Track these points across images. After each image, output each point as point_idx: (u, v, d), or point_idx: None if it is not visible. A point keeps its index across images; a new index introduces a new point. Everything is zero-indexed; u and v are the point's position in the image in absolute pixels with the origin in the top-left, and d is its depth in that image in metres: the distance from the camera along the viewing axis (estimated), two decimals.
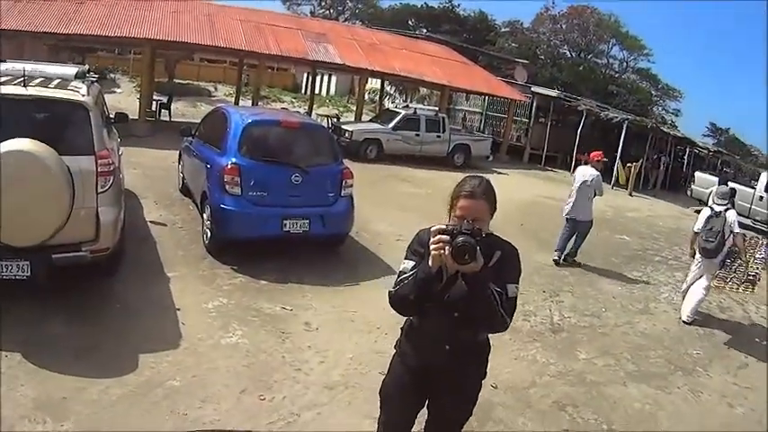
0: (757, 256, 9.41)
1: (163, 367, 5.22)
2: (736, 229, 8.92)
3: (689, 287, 9.39)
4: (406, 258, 3.10)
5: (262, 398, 5.02)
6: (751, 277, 9.17)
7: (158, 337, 5.70)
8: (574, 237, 10.88)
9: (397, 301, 3.04)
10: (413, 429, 3.45)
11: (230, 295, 7.01)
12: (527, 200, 17.13)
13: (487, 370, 3.34)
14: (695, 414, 6.29)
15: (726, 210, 8.99)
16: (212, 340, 5.87)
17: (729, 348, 8.44)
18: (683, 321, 9.08)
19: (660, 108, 62.83)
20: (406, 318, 3.32)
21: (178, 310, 6.35)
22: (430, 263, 2.84)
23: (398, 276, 3.07)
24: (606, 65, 61.12)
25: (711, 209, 9.18)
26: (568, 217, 10.85)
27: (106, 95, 9.65)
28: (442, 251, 2.76)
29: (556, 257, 10.88)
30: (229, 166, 7.87)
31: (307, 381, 5.41)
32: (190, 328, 5.99)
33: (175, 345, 5.64)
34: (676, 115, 63.32)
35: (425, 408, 3.39)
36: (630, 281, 10.81)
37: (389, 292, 3.09)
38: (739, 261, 9.19)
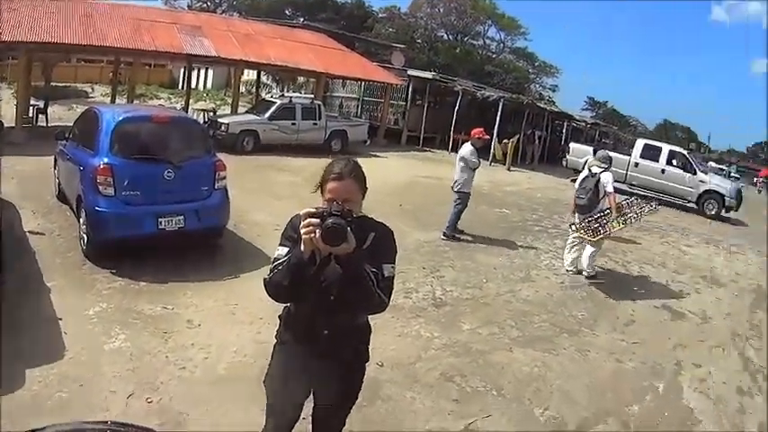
0: (629, 214, 10.05)
1: (50, 380, 5.09)
2: (609, 189, 9.63)
3: (572, 246, 10.24)
4: (280, 245, 3.04)
5: (149, 401, 4.97)
6: (598, 227, 9.79)
7: (43, 350, 5.54)
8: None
9: (272, 288, 2.98)
10: (300, 416, 3.42)
11: (110, 299, 6.85)
12: (405, 181, 17.44)
13: (370, 352, 3.36)
14: (584, 372, 6.61)
15: (602, 172, 9.72)
16: (96, 347, 5.75)
17: (614, 307, 8.96)
18: (586, 276, 9.89)
19: (537, 85, 65.15)
20: (284, 306, 3.29)
21: (60, 319, 6.17)
22: (302, 247, 2.80)
23: (273, 263, 3.01)
24: (483, 46, 62.63)
25: (590, 170, 9.90)
26: (454, 190, 11.41)
27: None
28: (313, 234, 2.72)
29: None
30: (101, 167, 7.70)
31: (192, 379, 5.38)
32: (73, 337, 5.84)
33: (60, 355, 5.50)
34: (553, 91, 65.92)
35: (312, 395, 3.35)
36: (511, 251, 11.21)
37: (264, 279, 3.03)
38: (609, 217, 9.81)
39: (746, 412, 6.35)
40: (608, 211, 9.85)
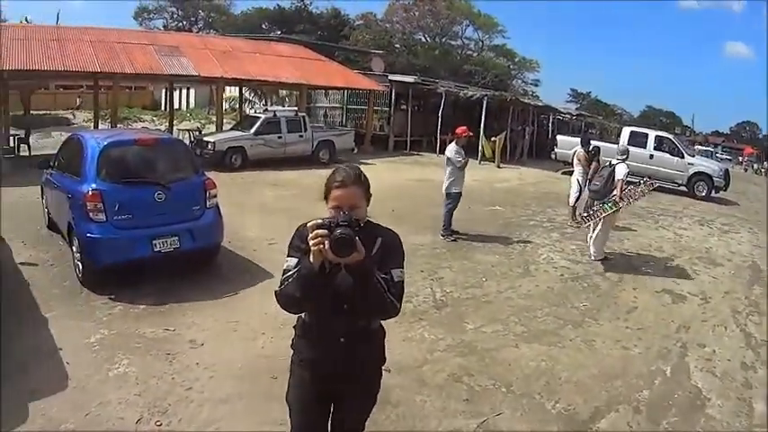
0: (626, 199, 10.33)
1: (54, 412, 4.98)
2: (619, 176, 10.09)
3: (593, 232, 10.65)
4: (288, 256, 3.02)
5: (159, 424, 4.88)
6: (592, 213, 10.45)
7: (45, 382, 5.43)
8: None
9: (284, 300, 2.98)
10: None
11: (111, 325, 6.76)
12: (395, 185, 17.43)
13: (386, 355, 3.36)
14: (591, 362, 6.61)
15: (618, 163, 10.31)
16: (99, 375, 5.66)
17: (616, 296, 9.00)
18: (593, 260, 10.42)
19: (519, 80, 65.55)
20: (297, 316, 3.26)
21: (60, 349, 6.07)
22: (311, 259, 2.79)
23: (283, 275, 2.99)
24: (462, 46, 62.91)
25: (609, 162, 10.60)
26: (444, 192, 11.45)
27: None
28: (322, 246, 2.72)
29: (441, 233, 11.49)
30: (91, 193, 7.63)
31: (200, 398, 5.30)
32: (75, 367, 5.74)
33: (63, 386, 5.40)
34: (536, 85, 66.45)
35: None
36: (507, 248, 11.22)
37: (276, 291, 3.02)
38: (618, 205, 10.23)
39: (753, 386, 6.39)
40: (614, 196, 10.19)
